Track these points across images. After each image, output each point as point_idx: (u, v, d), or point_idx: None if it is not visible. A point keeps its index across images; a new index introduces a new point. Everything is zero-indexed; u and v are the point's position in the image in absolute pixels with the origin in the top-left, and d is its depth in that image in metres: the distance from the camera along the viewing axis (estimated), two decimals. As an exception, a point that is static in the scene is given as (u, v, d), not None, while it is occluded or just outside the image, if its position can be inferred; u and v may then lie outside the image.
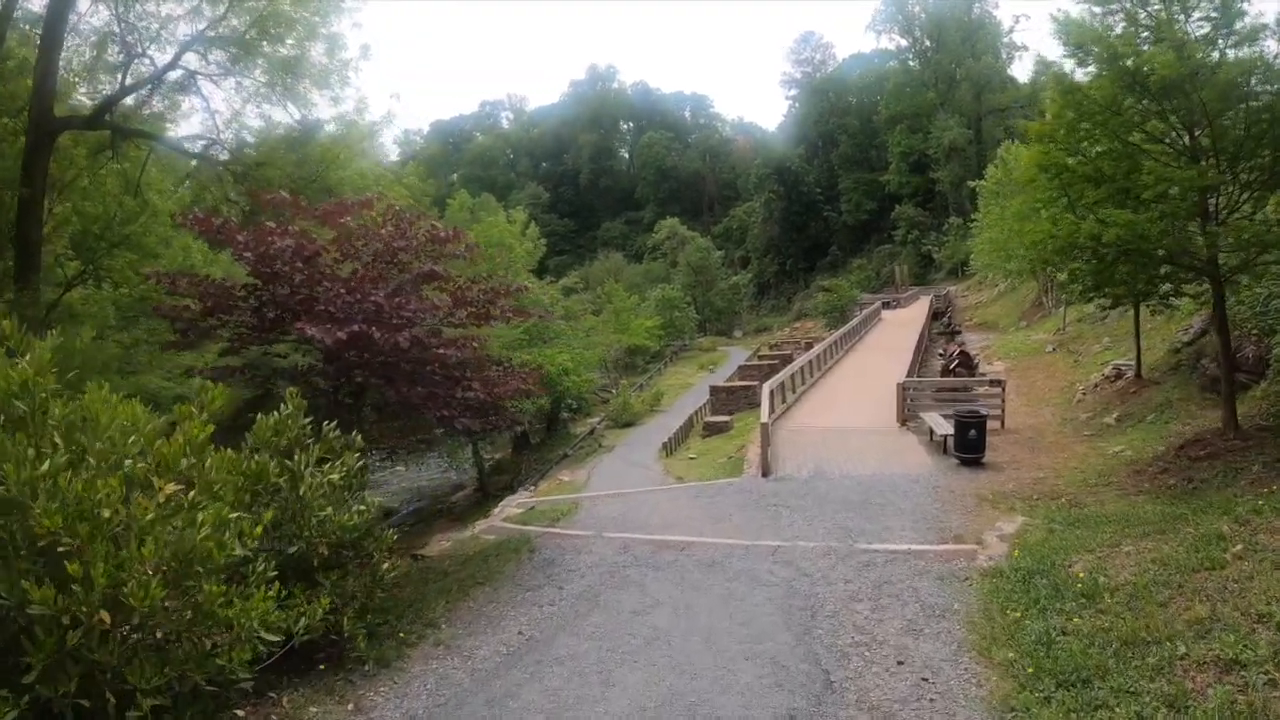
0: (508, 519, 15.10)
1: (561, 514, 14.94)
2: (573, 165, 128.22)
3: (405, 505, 36.28)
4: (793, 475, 16.71)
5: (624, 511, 14.92)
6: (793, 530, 12.43)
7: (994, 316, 50.35)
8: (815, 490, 15.13)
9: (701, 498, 15.66)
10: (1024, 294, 49.48)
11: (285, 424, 8.31)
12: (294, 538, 7.80)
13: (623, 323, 63.13)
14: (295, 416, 8.45)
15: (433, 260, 12.01)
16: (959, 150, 77.83)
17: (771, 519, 13.30)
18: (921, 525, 12.28)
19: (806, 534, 12.12)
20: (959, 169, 76.62)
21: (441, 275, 11.98)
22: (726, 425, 30.13)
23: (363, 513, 8.52)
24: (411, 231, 11.80)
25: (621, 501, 16.17)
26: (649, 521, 13.81)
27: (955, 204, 77.13)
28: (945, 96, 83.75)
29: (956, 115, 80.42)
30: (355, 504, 8.53)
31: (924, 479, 15.56)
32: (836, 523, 12.66)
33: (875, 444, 19.13)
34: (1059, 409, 22.59)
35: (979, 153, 75.48)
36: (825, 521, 12.79)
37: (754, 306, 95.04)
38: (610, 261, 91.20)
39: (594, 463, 32.11)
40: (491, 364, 13.61)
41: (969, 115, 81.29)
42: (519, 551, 12.17)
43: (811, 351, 30.85)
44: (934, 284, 72.40)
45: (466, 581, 11.00)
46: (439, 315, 11.28)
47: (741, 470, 18.57)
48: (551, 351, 38.27)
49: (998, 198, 42.89)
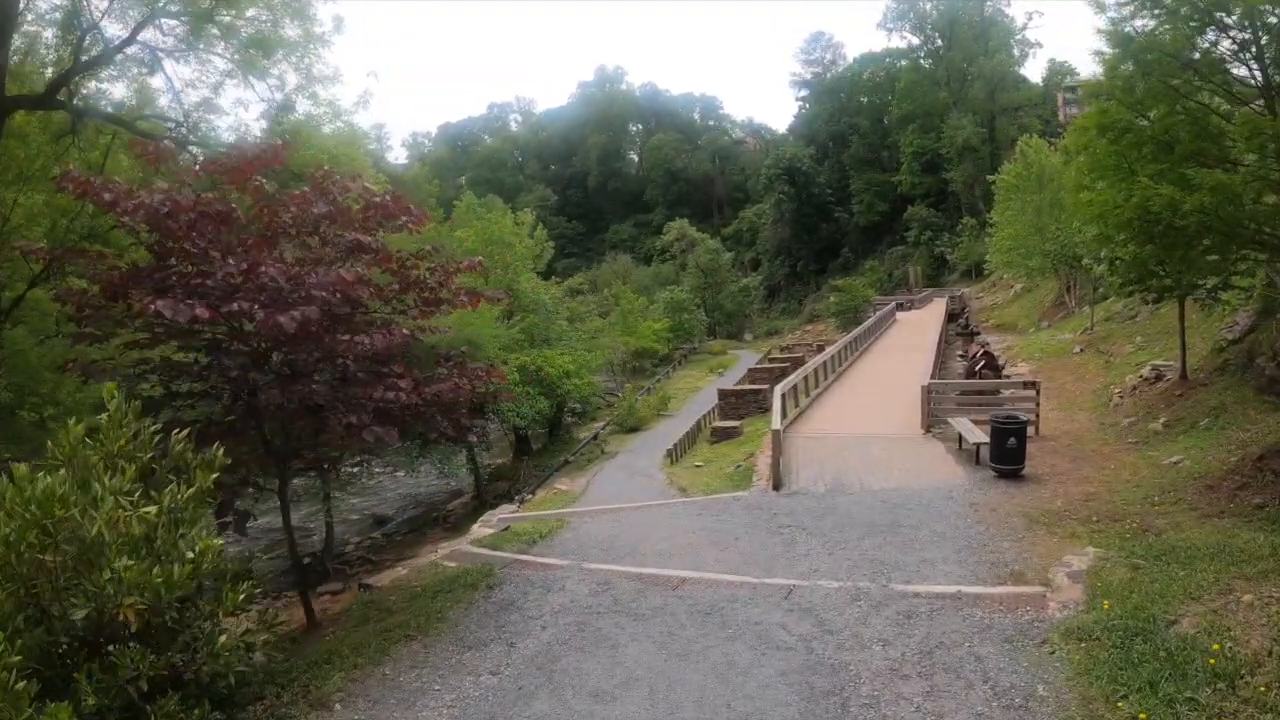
0: (477, 541, 12.84)
1: (541, 535, 12.71)
2: (581, 168, 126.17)
3: (400, 513, 34.10)
4: (808, 489, 14.56)
5: (614, 533, 12.69)
6: (810, 562, 10.16)
7: (1012, 318, 48.07)
8: (835, 508, 12.92)
9: (705, 515, 13.46)
10: (1043, 294, 47.25)
11: (112, 429, 6.06)
12: (89, 596, 5.49)
13: (630, 325, 61.03)
14: (117, 419, 6.20)
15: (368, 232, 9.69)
16: (972, 150, 75.44)
17: (785, 545, 11.03)
18: (968, 556, 9.99)
19: (828, 568, 9.85)
20: (972, 169, 74.44)
21: (372, 248, 9.65)
22: (736, 431, 28.04)
23: (193, 562, 5.97)
24: (341, 197, 9.55)
25: (614, 519, 13.93)
26: (640, 546, 11.58)
27: (969, 204, 75.17)
28: (958, 95, 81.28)
29: (970, 114, 78.06)
30: (188, 548, 6.06)
31: (958, 494, 13.40)
32: (863, 552, 10.39)
33: (899, 453, 17.00)
34: (1094, 413, 20.43)
35: (993, 152, 73.38)
36: (849, 549, 10.52)
37: (764, 309, 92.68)
38: (618, 264, 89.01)
39: (595, 470, 29.91)
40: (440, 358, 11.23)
41: (982, 114, 78.86)
42: (475, 587, 9.97)
43: (826, 352, 28.56)
44: (947, 286, 70.09)
45: (395, 633, 8.78)
46: (356, 294, 8.91)
47: (750, 482, 16.40)
48: (551, 353, 36.05)
49: (1018, 192, 40.64)
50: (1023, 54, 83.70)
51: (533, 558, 11.24)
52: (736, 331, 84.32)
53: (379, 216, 9.84)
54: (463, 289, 10.30)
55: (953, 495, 13.33)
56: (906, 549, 10.43)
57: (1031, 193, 39.20)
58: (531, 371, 33.45)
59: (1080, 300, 37.05)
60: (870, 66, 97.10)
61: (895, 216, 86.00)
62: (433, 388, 9.38)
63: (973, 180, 74.14)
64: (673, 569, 10.14)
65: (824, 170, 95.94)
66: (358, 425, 8.59)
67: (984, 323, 49.31)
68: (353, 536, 30.89)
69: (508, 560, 11.19)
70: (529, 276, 41.99)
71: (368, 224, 9.73)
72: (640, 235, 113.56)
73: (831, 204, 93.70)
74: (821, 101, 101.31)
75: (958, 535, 11.01)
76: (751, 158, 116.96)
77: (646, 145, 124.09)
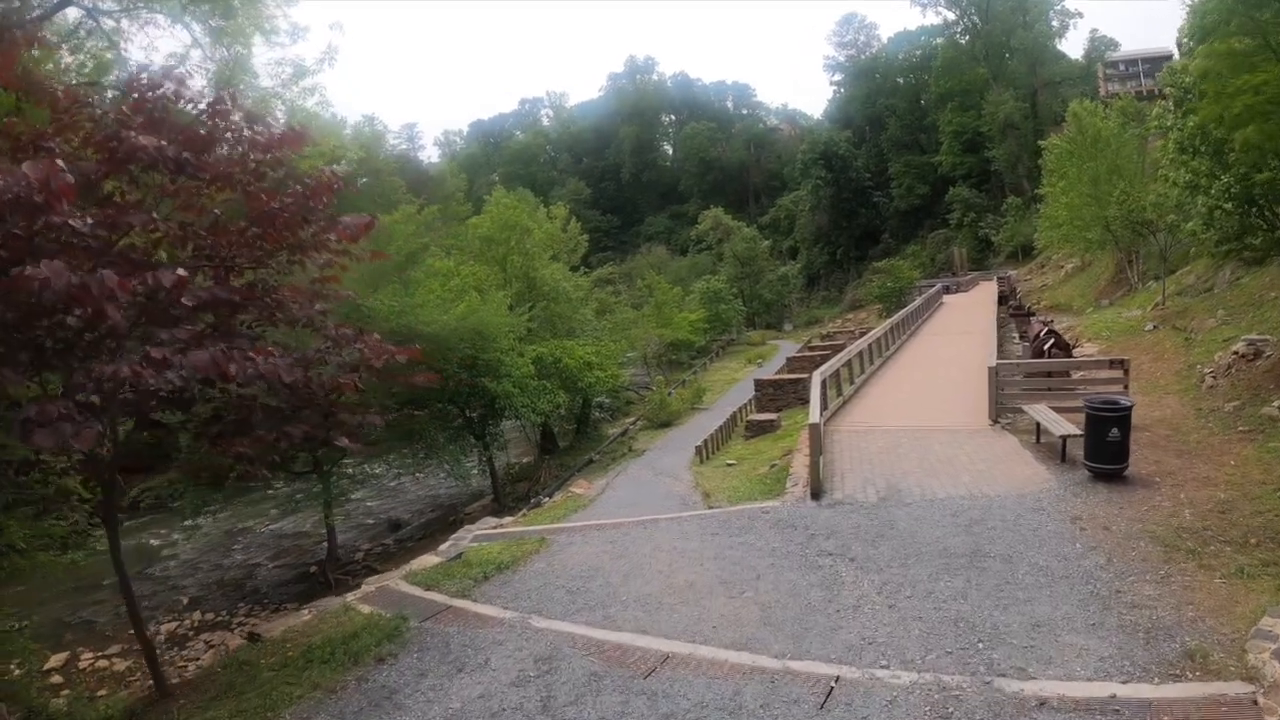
0: (411, 576, 9.65)
1: (503, 565, 9.52)
2: (614, 160, 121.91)
3: (416, 517, 31.18)
4: (855, 498, 11.19)
5: (599, 562, 9.44)
6: (862, 623, 6.79)
7: (1065, 298, 43.85)
8: (892, 526, 9.55)
9: (721, 536, 10.16)
10: (1098, 271, 43.08)
11: None
12: None
13: (665, 317, 57.57)
14: None
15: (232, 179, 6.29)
16: (1014, 127, 70.70)
17: (824, 590, 7.66)
18: (1099, 613, 6.59)
19: (890, 638, 6.47)
20: (1015, 146, 69.92)
21: (197, 165, 6.14)
22: (773, 424, 24.77)
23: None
24: (170, 118, 6.30)
25: (608, 540, 10.69)
26: (624, 587, 8.34)
27: (1012, 184, 70.84)
28: (997, 71, 76.26)
29: (1010, 89, 73.12)
30: None
31: (1050, 504, 9.98)
32: (939, 603, 7.00)
33: (965, 449, 13.53)
34: (1185, 397, 16.91)
35: (1035, 129, 68.14)
36: (919, 600, 7.15)
37: (804, 298, 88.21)
38: (653, 255, 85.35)
39: (618, 470, 26.63)
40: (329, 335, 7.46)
41: (1023, 89, 73.96)
42: (360, 658, 6.95)
43: (871, 335, 24.91)
44: (992, 268, 65.69)
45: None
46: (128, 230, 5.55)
47: (784, 487, 13.08)
48: (572, 344, 32.77)
49: (1073, 159, 36.55)
50: (1062, 25, 78.11)
51: (470, 604, 8.06)
52: (776, 321, 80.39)
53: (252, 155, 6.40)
54: (342, 226, 6.77)
55: (1043, 506, 9.90)
56: (1003, 599, 7.00)
57: (1087, 159, 35.23)
58: (549, 363, 30.27)
59: (1144, 274, 33.70)
60: (905, 46, 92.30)
61: (936, 199, 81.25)
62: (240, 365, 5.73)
63: (1016, 158, 69.83)
64: (655, 635, 6.85)
65: (861, 154, 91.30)
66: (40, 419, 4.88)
67: (1035, 305, 45.27)
68: (364, 542, 28.15)
69: (437, 608, 8.03)
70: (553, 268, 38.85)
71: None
72: (676, 227, 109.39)
73: (870, 188, 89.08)
74: (856, 84, 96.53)
75: (1071, 572, 7.56)
76: (787, 144, 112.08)
77: (680, 135, 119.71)
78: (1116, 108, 40.15)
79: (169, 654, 18.19)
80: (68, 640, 19.29)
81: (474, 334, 25.09)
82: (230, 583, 24.34)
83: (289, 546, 27.49)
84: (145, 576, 25.01)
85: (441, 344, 23.73)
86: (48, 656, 17.61)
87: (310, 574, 24.15)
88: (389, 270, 25.06)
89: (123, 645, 18.77)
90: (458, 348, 24.47)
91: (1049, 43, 77.49)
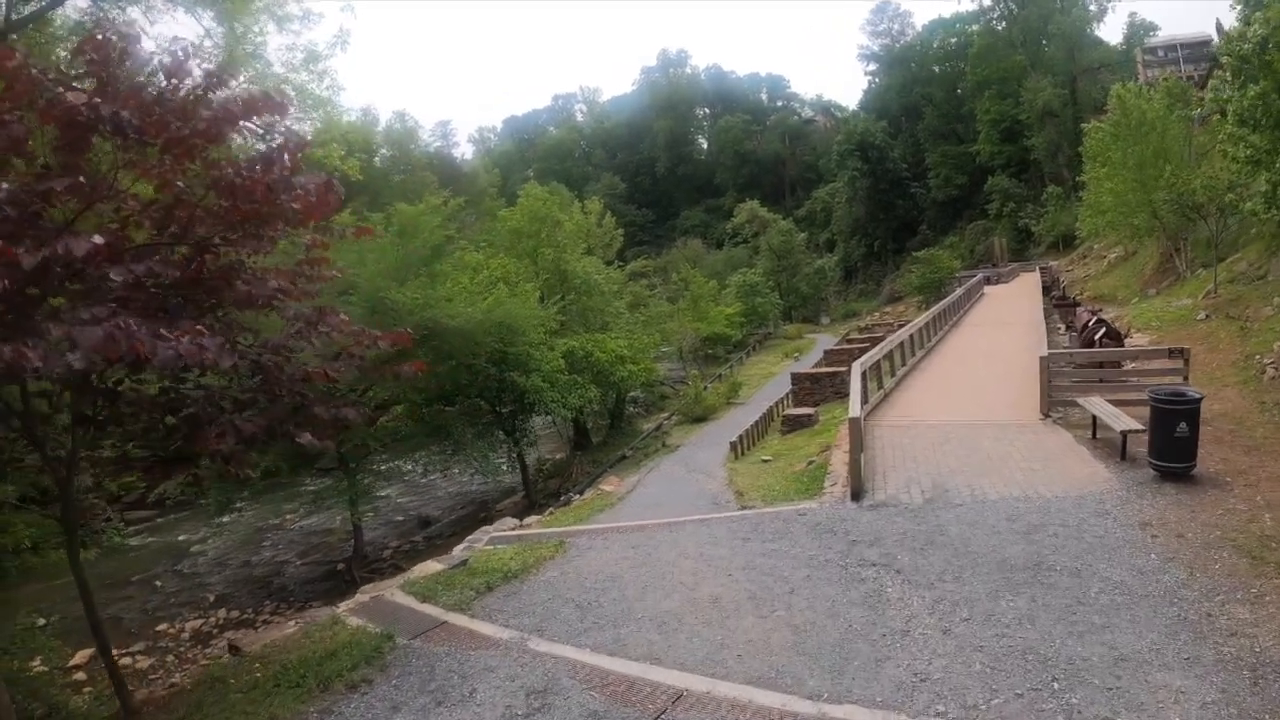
0: (410, 585, 8.78)
1: (512, 573, 8.67)
2: (649, 154, 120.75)
3: (447, 513, 30.58)
4: (900, 499, 10.21)
5: (617, 570, 8.56)
6: (913, 653, 5.81)
7: (1109, 288, 41.91)
8: (941, 531, 8.57)
9: (753, 541, 9.22)
10: (1143, 260, 40.98)
11: None
12: None
13: (701, 311, 56.48)
14: None
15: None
16: (1053, 114, 68.22)
17: (867, 609, 6.70)
18: (1192, 642, 5.61)
19: (946, 672, 5.49)
20: (1054, 134, 67.55)
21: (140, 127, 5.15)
22: (810, 419, 23.72)
23: None
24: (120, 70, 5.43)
25: (630, 544, 9.80)
26: (640, 602, 7.44)
27: (1052, 173, 68.31)
28: (1034, 58, 73.64)
29: (1048, 76, 70.54)
30: None
31: (1114, 507, 8.92)
32: (1003, 628, 6.04)
33: (1016, 445, 12.41)
34: (1245, 389, 15.72)
35: (1075, 116, 65.71)
36: (978, 621, 6.18)
37: (841, 291, 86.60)
38: (689, 249, 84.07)
39: (650, 466, 25.74)
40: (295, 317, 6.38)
41: (1062, 75, 71.24)
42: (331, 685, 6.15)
43: (912, 325, 23.66)
44: (1032, 259, 63.62)
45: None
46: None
47: (822, 486, 12.11)
48: (603, 337, 31.90)
49: (1118, 142, 34.84)
50: (1100, 9, 75.14)
51: (466, 620, 7.22)
52: (812, 315, 78.84)
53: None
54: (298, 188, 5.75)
55: (1107, 509, 8.83)
56: (1076, 624, 5.98)
57: (1132, 143, 33.48)
58: (580, 357, 29.43)
59: (1191, 263, 31.76)
60: (940, 34, 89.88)
61: (974, 189, 78.99)
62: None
63: (1055, 146, 67.39)
64: (669, 665, 5.92)
65: (897, 145, 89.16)
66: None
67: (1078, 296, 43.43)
68: (393, 539, 27.64)
69: (429, 623, 7.21)
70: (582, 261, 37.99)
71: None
72: (711, 220, 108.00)
73: (907, 179, 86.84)
74: (892, 73, 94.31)
75: (1151, 590, 6.52)
76: (822, 136, 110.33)
77: (714, 128, 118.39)
78: (1162, 88, 38.36)
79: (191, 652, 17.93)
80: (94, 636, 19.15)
81: (502, 327, 24.34)
82: (257, 580, 23.99)
83: (318, 543, 27.06)
84: (174, 573, 24.82)
85: (469, 338, 23.03)
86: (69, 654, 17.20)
87: (337, 571, 23.66)
88: (415, 263, 24.40)
89: (147, 643, 18.57)
90: (485, 342, 23.73)
91: (1087, 28, 74.83)
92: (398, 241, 24.68)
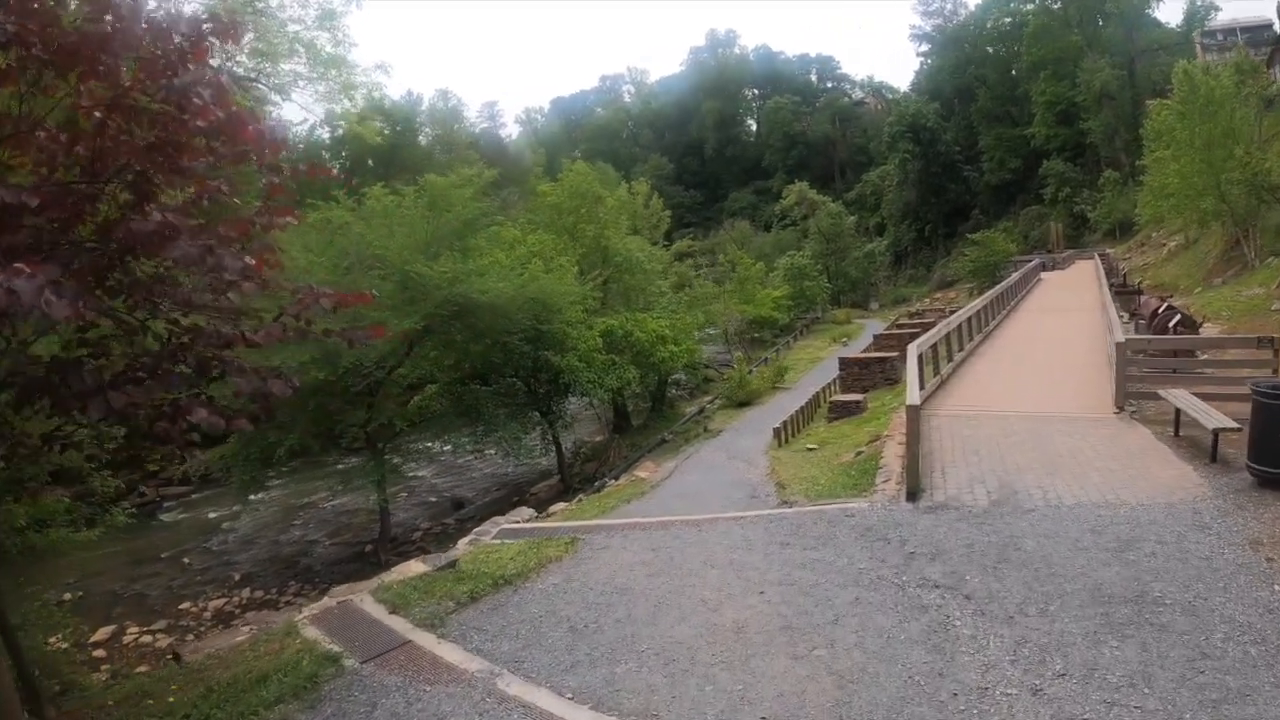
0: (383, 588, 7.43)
1: (505, 579, 7.36)
2: (697, 135, 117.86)
3: (480, 495, 29.55)
4: (962, 500, 8.78)
5: (627, 581, 7.18)
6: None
7: (1170, 278, 39.30)
8: (1014, 544, 7.13)
9: (792, 548, 7.81)
10: (1205, 249, 38.42)
11: None
12: None
13: (748, 293, 54.65)
14: None
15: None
16: (1110, 97, 64.89)
17: (932, 654, 5.23)
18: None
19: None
20: (1111, 117, 64.23)
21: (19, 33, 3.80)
22: (858, 406, 22.09)
23: None
24: None
25: (649, 544, 8.44)
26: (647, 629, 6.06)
27: (1108, 157, 65.10)
28: (1091, 38, 69.97)
29: (1106, 56, 67.06)
30: None
31: (1214, 520, 7.38)
32: (1112, 697, 4.59)
33: (1090, 442, 10.81)
34: None
35: (1133, 98, 62.64)
36: (1076, 685, 4.72)
37: (890, 276, 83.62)
38: (736, 230, 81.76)
39: (689, 452, 24.28)
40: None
41: (1119, 57, 67.73)
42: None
43: (969, 307, 21.80)
44: (1088, 246, 60.57)
45: None
46: None
47: (872, 482, 10.62)
48: (643, 317, 30.38)
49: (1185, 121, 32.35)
50: (1161, -15, 71.37)
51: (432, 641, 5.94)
52: (861, 300, 76.23)
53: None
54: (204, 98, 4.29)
55: (1205, 522, 7.31)
56: (1208, 690, 4.49)
57: (1200, 121, 31.32)
58: (620, 337, 27.98)
59: (1261, 250, 29.80)
60: (994, 13, 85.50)
61: (1028, 174, 75.56)
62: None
63: (1113, 130, 64.10)
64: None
65: (950, 127, 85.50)
66: None
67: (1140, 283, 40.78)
68: (424, 521, 26.74)
69: (390, 642, 5.93)
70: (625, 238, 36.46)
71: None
72: (760, 202, 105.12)
73: (959, 162, 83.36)
74: (944, 54, 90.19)
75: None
76: (873, 118, 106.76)
77: (763, 109, 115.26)
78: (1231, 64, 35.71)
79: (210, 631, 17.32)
80: (117, 613, 18.65)
81: (536, 304, 23.02)
82: (284, 559, 23.39)
83: (348, 523, 26.29)
84: (202, 549, 24.38)
85: (502, 314, 21.78)
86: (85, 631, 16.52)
87: (365, 553, 22.83)
88: (447, 236, 23.16)
89: (169, 621, 18.05)
90: (518, 319, 22.43)
91: (1145, 8, 71.12)
92: (428, 215, 23.47)
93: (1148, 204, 38.82)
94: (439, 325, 21.46)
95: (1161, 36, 69.37)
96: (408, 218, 22.84)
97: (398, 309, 20.03)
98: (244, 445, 21.39)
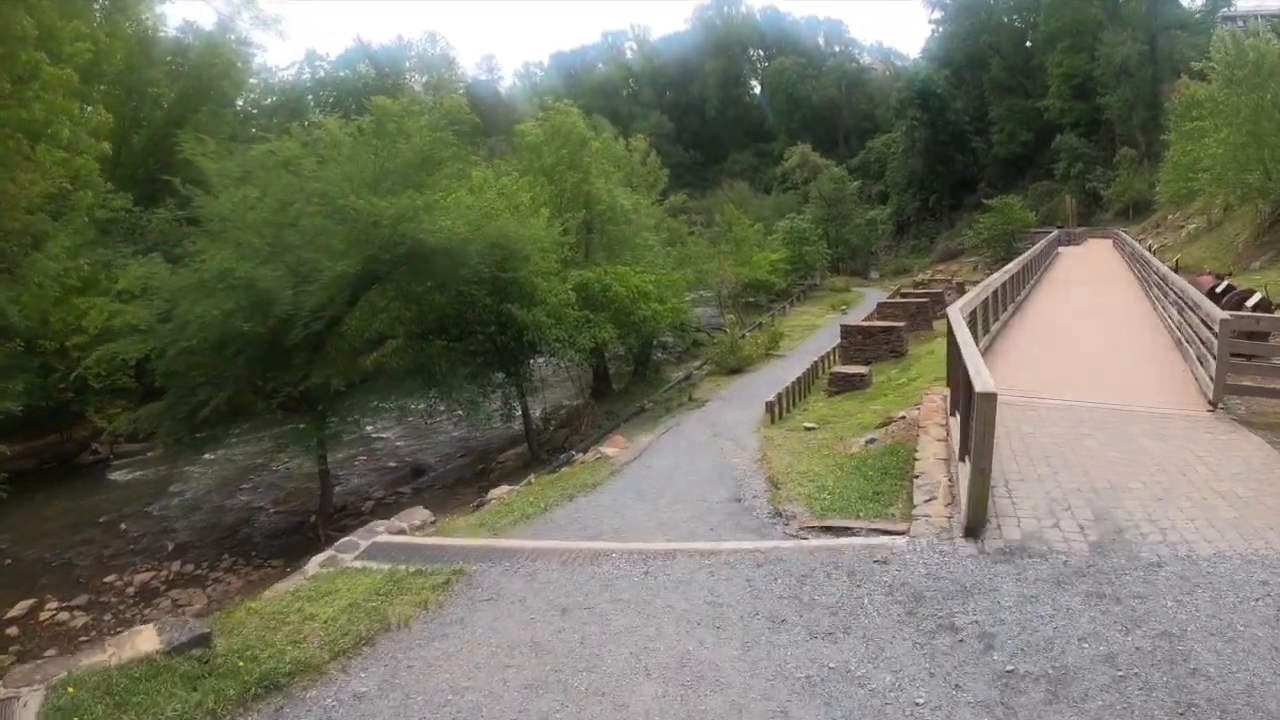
0: (76, 680, 3.99)
1: (273, 682, 3.83)
2: (699, 95, 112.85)
3: (443, 462, 26.28)
4: (1046, 539, 5.68)
5: (483, 697, 3.61)
6: None
7: (1194, 260, 35.73)
8: (1178, 651, 3.40)
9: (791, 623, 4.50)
10: (1232, 231, 34.84)
11: None
12: None
13: (744, 255, 51.40)
14: None
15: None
16: (1129, 73, 60.95)
17: None
18: None
19: None
20: (1129, 94, 60.43)
21: None
22: (862, 380, 19.09)
23: None
24: None
25: (563, 594, 5.29)
26: None
27: (1124, 135, 61.40)
28: (1112, 11, 66.17)
29: (1128, 29, 63.02)
30: None
31: None
32: None
33: (1194, 451, 7.67)
34: None
35: (1154, 76, 59.26)
36: None
37: (892, 246, 79.72)
38: (734, 191, 77.51)
39: (669, 425, 20.86)
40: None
41: (1141, 31, 63.57)
42: None
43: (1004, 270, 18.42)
44: (1101, 225, 56.95)
45: None
46: None
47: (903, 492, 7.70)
48: (624, 270, 26.70)
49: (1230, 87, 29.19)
50: (1185, -43, 66.88)
51: None
52: (861, 268, 72.74)
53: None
54: None
55: None
56: None
57: (1248, 90, 28.15)
58: (596, 291, 24.41)
59: None
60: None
61: (1039, 148, 71.59)
62: None
63: (1130, 107, 60.47)
64: None
65: (960, 96, 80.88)
66: None
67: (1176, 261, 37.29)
68: (379, 489, 23.56)
69: None
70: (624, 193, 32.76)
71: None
72: (761, 165, 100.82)
73: (968, 133, 78.82)
74: (958, 20, 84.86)
75: None
76: (880, 85, 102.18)
77: (768, 70, 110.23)
78: (1279, 32, 32.23)
79: (130, 611, 15.23)
80: (41, 584, 16.57)
81: (497, 249, 19.49)
82: (224, 528, 20.53)
83: (297, 489, 23.04)
84: (143, 514, 21.38)
85: (457, 259, 18.31)
86: (2, 607, 15.00)
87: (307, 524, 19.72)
88: (398, 170, 19.51)
89: (89, 596, 15.98)
90: (475, 265, 18.90)
91: (1170, -20, 67.13)
92: (376, 144, 19.81)
93: (1170, 182, 36.26)
94: (385, 271, 18.22)
95: (1182, 17, 65.69)
96: (350, 148, 19.32)
97: (334, 252, 16.99)
98: (170, 404, 18.36)
